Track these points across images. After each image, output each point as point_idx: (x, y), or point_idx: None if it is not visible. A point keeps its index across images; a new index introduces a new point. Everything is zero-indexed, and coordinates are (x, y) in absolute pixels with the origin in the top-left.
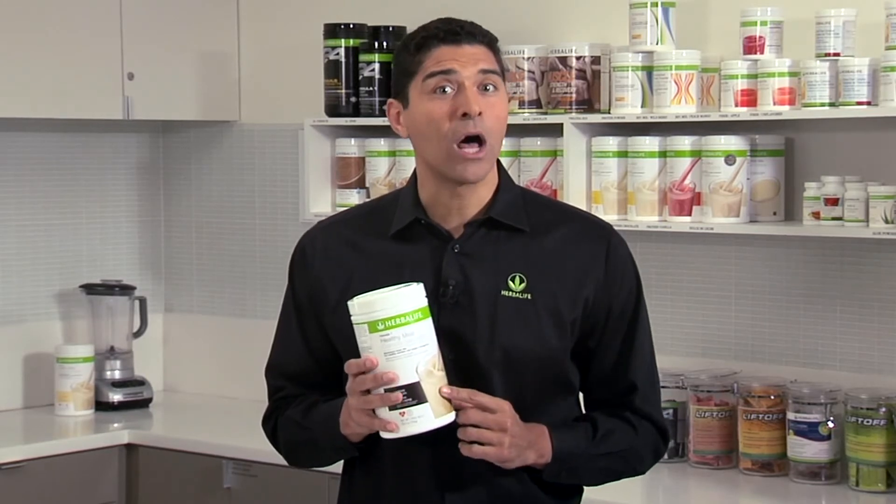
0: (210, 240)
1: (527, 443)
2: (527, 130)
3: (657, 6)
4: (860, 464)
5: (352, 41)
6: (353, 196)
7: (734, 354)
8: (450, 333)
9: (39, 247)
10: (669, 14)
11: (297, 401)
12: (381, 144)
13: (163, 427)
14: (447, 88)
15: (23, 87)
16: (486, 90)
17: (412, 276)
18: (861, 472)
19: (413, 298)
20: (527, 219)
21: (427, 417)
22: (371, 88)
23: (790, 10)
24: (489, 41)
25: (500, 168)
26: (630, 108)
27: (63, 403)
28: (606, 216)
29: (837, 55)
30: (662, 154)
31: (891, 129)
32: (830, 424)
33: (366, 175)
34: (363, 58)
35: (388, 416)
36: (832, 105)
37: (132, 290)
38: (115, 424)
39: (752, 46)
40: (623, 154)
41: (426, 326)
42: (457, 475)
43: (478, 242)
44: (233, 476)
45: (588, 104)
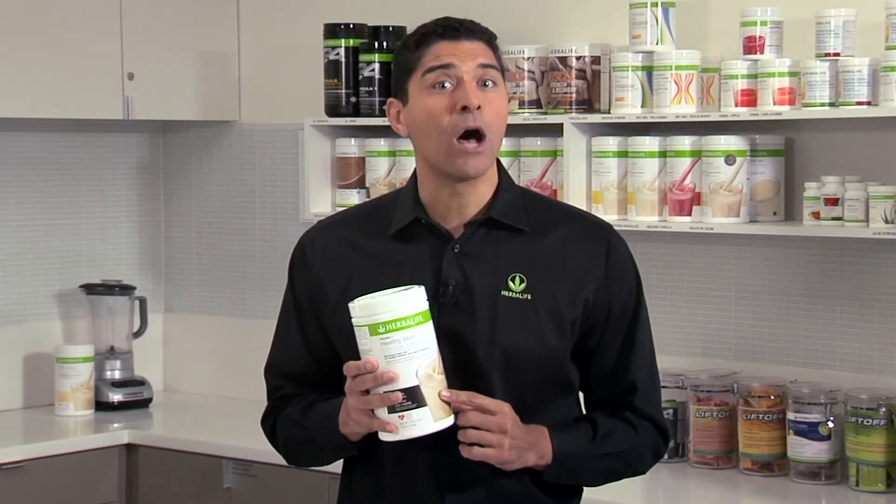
0: (210, 240)
1: (527, 444)
2: (527, 130)
3: (657, 6)
4: (860, 464)
5: (352, 41)
6: (353, 196)
7: (734, 354)
8: (450, 333)
9: (39, 247)
10: (669, 14)
11: (296, 400)
12: (381, 144)
13: (163, 427)
14: (446, 84)
15: (23, 87)
16: (486, 86)
17: (412, 276)
18: (861, 472)
19: (414, 302)
20: (527, 219)
21: (426, 421)
22: (371, 88)
23: (790, 10)
24: (488, 38)
25: (501, 168)
26: (630, 108)
27: (63, 403)
28: (606, 216)
29: (837, 55)
30: (662, 154)
31: (891, 129)
32: (830, 424)
33: (366, 175)
34: (363, 58)
35: (388, 418)
36: (832, 105)
37: (132, 290)
38: (115, 424)
39: (752, 46)
40: (623, 154)
41: (427, 330)
42: (457, 476)
43: (478, 242)
44: (233, 476)
45: (588, 104)
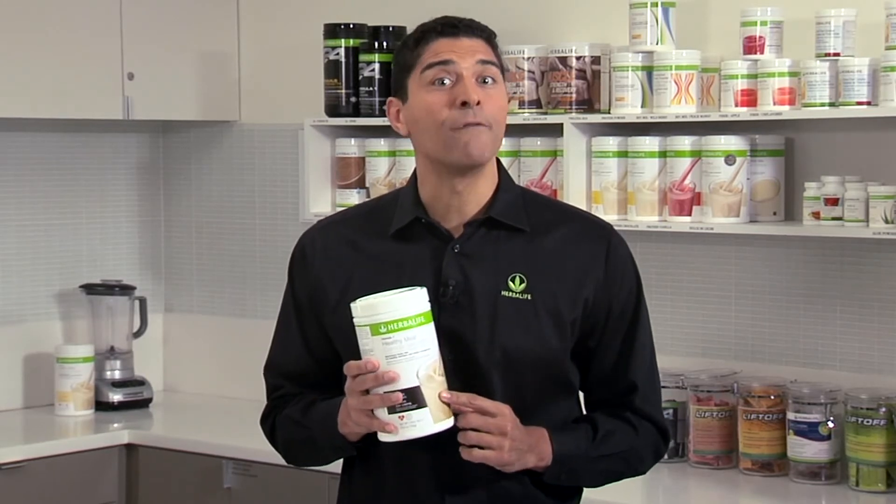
0: (210, 240)
1: (527, 446)
2: (527, 130)
3: (657, 6)
4: (860, 464)
5: (352, 41)
6: (353, 196)
7: (734, 354)
8: (449, 334)
9: (39, 247)
10: (669, 14)
11: (296, 400)
12: (381, 144)
13: (163, 427)
14: (445, 80)
15: (23, 87)
16: (485, 82)
17: (412, 276)
18: (861, 472)
19: (416, 302)
20: (527, 219)
21: (426, 422)
22: (371, 88)
23: (790, 10)
24: (487, 35)
25: (501, 168)
26: (630, 108)
27: (63, 403)
28: (606, 216)
29: (837, 55)
30: (662, 154)
31: (891, 129)
32: (830, 424)
33: (366, 175)
34: (363, 58)
35: (388, 418)
36: (832, 105)
37: (132, 290)
38: (115, 424)
39: (752, 46)
40: (623, 154)
41: (428, 331)
42: (457, 477)
43: (478, 242)
44: (233, 476)
45: (588, 104)
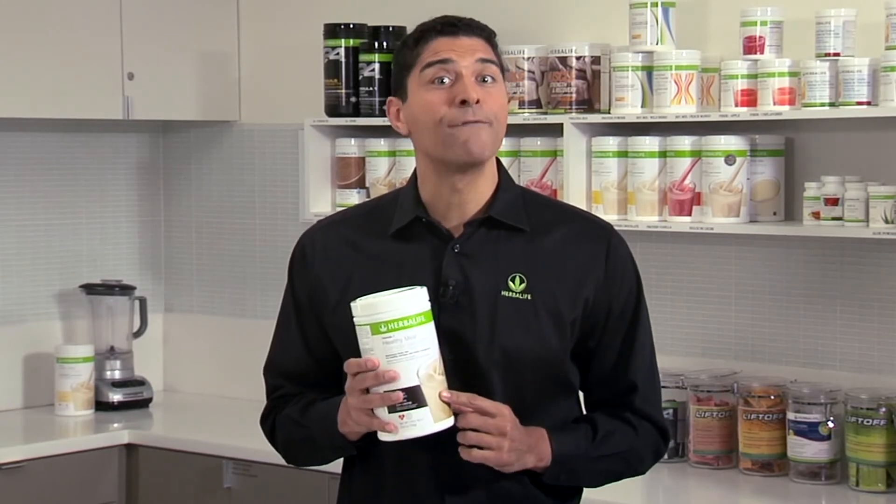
0: (210, 240)
1: (526, 447)
2: (527, 130)
3: (657, 6)
4: (860, 464)
5: (352, 41)
6: (353, 196)
7: (734, 354)
8: (449, 333)
9: (39, 247)
10: (669, 14)
11: (296, 399)
12: (381, 144)
13: (163, 427)
14: (445, 79)
15: (23, 87)
16: (485, 81)
17: (412, 276)
18: (861, 472)
19: (416, 302)
20: (527, 218)
21: (426, 421)
22: (371, 88)
23: (790, 10)
24: (487, 35)
25: (501, 167)
26: (630, 108)
27: (63, 403)
28: (606, 216)
29: (837, 55)
30: (662, 154)
31: (891, 129)
32: (830, 424)
33: (366, 175)
34: (363, 58)
35: (388, 418)
36: (832, 105)
37: (132, 290)
38: (115, 424)
39: (752, 46)
40: (623, 154)
41: (428, 330)
42: (457, 477)
43: (478, 242)
44: (233, 476)
45: (588, 104)
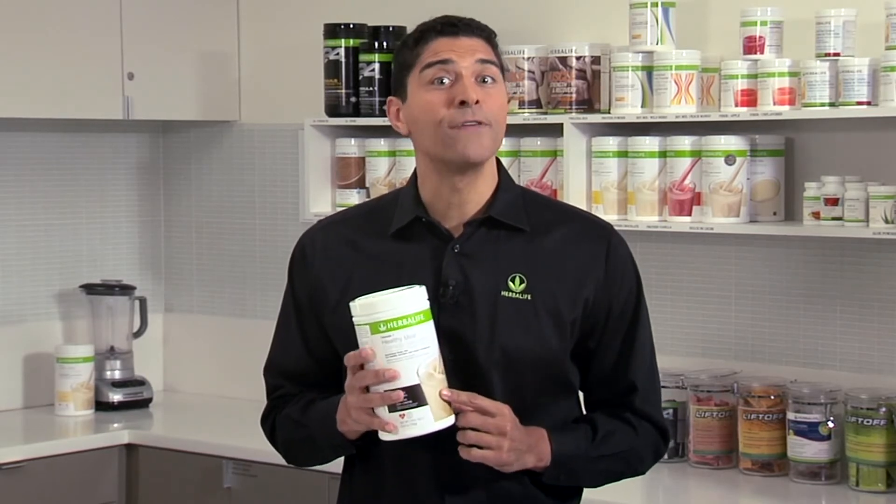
0: (210, 240)
1: (526, 447)
2: (527, 130)
3: (657, 6)
4: (860, 464)
5: (352, 41)
6: (353, 196)
7: (734, 354)
8: (449, 334)
9: (39, 247)
10: (669, 14)
11: (296, 399)
12: (381, 144)
13: (163, 427)
14: (445, 79)
15: (23, 87)
16: (485, 82)
17: (412, 276)
18: (861, 472)
19: (415, 301)
20: (527, 218)
21: (426, 420)
22: (371, 88)
23: (790, 10)
24: (487, 35)
25: (501, 167)
26: (630, 108)
27: (63, 403)
28: (606, 216)
29: (837, 55)
30: (662, 154)
31: (891, 129)
32: (830, 424)
33: (366, 175)
34: (363, 58)
35: (388, 417)
36: (832, 105)
37: (132, 290)
38: (115, 424)
39: (752, 46)
40: (623, 154)
41: (428, 329)
42: (457, 477)
43: (478, 242)
44: (233, 476)
45: (588, 104)
